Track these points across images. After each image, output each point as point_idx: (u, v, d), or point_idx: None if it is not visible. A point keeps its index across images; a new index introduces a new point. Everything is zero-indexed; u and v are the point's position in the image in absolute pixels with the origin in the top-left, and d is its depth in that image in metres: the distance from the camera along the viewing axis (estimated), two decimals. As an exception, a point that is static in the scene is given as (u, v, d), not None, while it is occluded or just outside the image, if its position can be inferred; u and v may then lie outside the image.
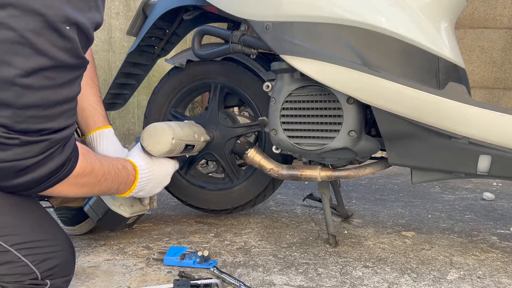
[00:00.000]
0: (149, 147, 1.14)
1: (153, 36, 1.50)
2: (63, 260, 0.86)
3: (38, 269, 0.81)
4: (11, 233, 0.79)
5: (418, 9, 1.14)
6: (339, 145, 1.20)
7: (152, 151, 1.14)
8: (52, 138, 0.75)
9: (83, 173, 0.87)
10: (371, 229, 1.44)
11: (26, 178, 0.76)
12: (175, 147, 1.18)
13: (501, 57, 2.82)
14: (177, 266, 1.13)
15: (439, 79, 1.13)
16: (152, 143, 1.14)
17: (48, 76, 0.71)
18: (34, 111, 0.71)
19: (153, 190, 1.16)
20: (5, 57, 0.67)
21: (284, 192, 1.94)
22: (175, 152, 1.21)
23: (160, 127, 1.17)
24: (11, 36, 0.67)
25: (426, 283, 1.06)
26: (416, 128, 1.13)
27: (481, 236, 1.41)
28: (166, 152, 1.16)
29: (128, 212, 1.21)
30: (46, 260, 0.82)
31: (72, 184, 0.86)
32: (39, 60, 0.69)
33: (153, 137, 1.14)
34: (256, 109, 1.43)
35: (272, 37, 1.18)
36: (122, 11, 2.62)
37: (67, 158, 0.80)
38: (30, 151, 0.73)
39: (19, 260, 0.79)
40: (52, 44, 0.69)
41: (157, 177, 1.16)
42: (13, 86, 0.68)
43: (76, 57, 0.74)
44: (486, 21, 2.83)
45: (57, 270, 0.84)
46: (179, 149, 1.22)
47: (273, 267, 1.14)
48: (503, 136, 1.08)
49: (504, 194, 1.98)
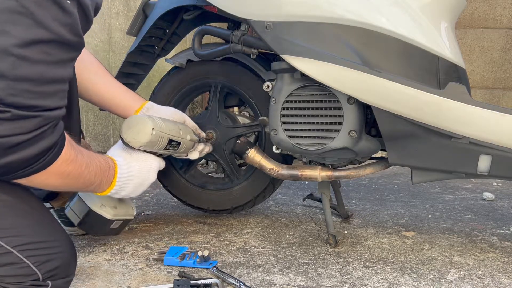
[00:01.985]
0: (128, 138, 1.08)
1: (153, 36, 1.50)
2: (64, 261, 0.86)
3: (39, 270, 0.81)
4: (13, 234, 0.80)
5: (418, 9, 1.14)
6: (339, 145, 1.20)
7: (131, 142, 1.08)
8: (44, 115, 0.73)
9: (68, 159, 0.83)
10: (371, 229, 1.44)
11: (14, 157, 0.72)
12: (156, 138, 1.11)
13: (501, 57, 2.82)
14: (177, 266, 1.13)
15: (439, 79, 1.13)
16: (131, 134, 1.08)
17: (45, 51, 0.70)
18: (28, 85, 0.69)
19: (136, 189, 1.09)
20: (4, 26, 0.66)
21: (284, 192, 1.94)
22: (157, 146, 1.14)
23: (140, 117, 1.12)
24: (12, 5, 0.66)
25: (426, 283, 1.06)
26: (417, 128, 1.13)
27: (481, 236, 1.41)
28: (146, 144, 1.09)
29: (110, 213, 1.14)
30: (48, 261, 0.83)
31: (56, 173, 0.82)
32: (38, 32, 0.68)
33: (133, 127, 1.09)
34: (256, 109, 1.43)
35: (272, 37, 1.18)
36: (122, 11, 2.62)
37: (57, 140, 0.77)
38: (22, 127, 0.71)
39: (21, 262, 0.79)
40: (52, 17, 0.68)
41: (138, 173, 1.08)
42: (8, 56, 0.66)
43: (74, 34, 0.72)
44: (486, 21, 2.83)
45: (58, 271, 0.84)
46: (161, 143, 1.14)
47: (273, 267, 1.14)
48: (504, 136, 1.08)
49: (504, 194, 1.98)
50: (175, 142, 1.20)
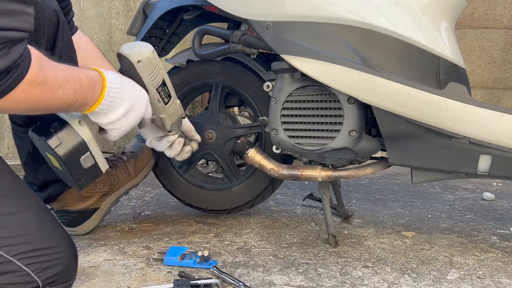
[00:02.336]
0: (127, 51, 0.98)
1: (153, 36, 1.50)
2: (65, 266, 0.85)
3: (39, 278, 0.81)
4: (13, 243, 0.79)
5: (418, 9, 1.14)
6: (339, 145, 1.20)
7: (129, 54, 0.97)
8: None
9: (35, 81, 0.73)
10: (371, 229, 1.44)
11: None
12: (154, 62, 1.01)
13: (501, 57, 2.82)
14: (177, 266, 1.13)
15: (440, 79, 1.13)
16: (132, 48, 0.99)
17: None
18: None
19: (127, 117, 0.93)
20: None
21: (284, 192, 1.94)
22: (152, 76, 1.01)
23: (144, 42, 1.04)
24: None
25: (426, 283, 1.06)
26: (417, 128, 1.13)
27: (481, 236, 1.40)
28: (145, 59, 0.99)
29: (86, 134, 0.94)
30: (48, 268, 0.82)
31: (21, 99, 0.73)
32: None
33: (134, 45, 1.00)
34: (256, 109, 1.43)
35: (272, 37, 1.18)
36: (122, 11, 2.62)
37: (13, 62, 0.68)
38: None
39: (20, 270, 0.79)
40: None
41: (129, 93, 0.93)
42: None
43: None
44: (486, 21, 2.83)
45: (58, 277, 0.84)
46: (156, 75, 1.02)
47: (273, 267, 1.14)
48: (504, 136, 1.08)
49: (504, 194, 1.98)
50: (167, 90, 1.07)
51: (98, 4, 2.56)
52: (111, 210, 1.44)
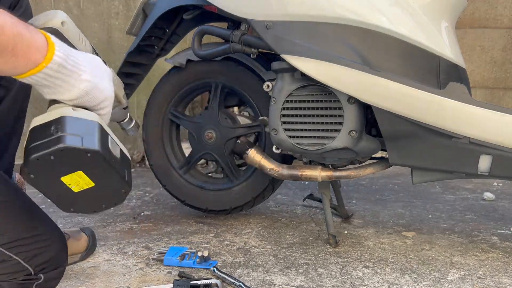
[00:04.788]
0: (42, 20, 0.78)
1: (153, 36, 1.50)
2: (54, 253, 0.86)
3: (30, 266, 0.81)
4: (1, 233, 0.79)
5: (418, 8, 1.14)
6: (339, 145, 1.19)
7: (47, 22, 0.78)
8: None
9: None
10: (371, 229, 1.44)
11: None
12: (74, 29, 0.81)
13: (502, 57, 2.82)
14: (177, 266, 1.13)
15: (440, 79, 1.13)
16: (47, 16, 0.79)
17: None
18: None
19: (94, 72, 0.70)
20: None
21: (284, 192, 1.93)
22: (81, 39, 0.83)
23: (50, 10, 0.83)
24: None
25: (426, 283, 1.05)
26: (417, 128, 1.13)
27: (482, 236, 1.40)
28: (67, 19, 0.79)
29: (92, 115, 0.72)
30: (38, 255, 0.83)
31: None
32: None
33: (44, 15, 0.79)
34: (256, 109, 1.43)
35: (272, 37, 1.18)
36: (122, 11, 2.62)
37: None
38: None
39: (10, 259, 0.80)
40: None
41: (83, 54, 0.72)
42: None
43: None
44: (487, 21, 2.83)
45: (49, 264, 0.84)
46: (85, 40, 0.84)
47: (273, 267, 1.13)
48: (504, 136, 1.08)
49: (504, 194, 1.98)
50: (101, 58, 0.79)
51: (97, 4, 2.56)
52: None
